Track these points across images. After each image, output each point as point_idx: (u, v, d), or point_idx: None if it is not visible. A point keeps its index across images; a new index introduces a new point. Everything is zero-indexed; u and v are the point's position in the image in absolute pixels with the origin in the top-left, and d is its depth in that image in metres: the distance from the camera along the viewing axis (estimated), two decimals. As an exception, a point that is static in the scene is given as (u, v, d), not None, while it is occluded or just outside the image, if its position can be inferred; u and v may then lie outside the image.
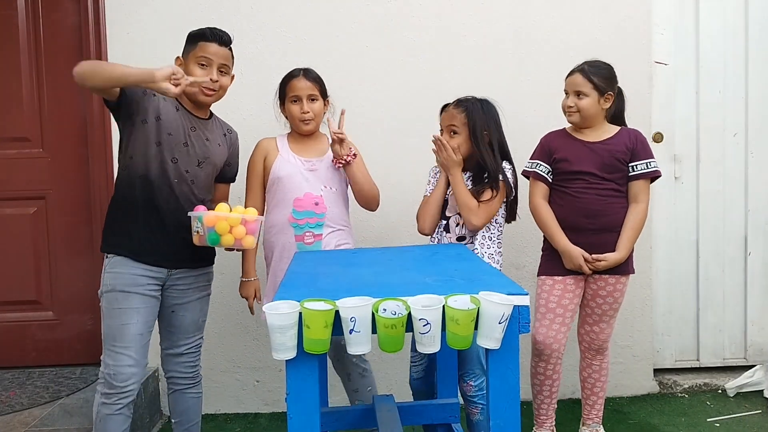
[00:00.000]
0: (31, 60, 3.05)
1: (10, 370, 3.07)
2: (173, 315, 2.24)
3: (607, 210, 2.43)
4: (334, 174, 2.45)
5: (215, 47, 2.18)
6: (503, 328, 1.42)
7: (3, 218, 3.09)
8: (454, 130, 2.37)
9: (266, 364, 3.08)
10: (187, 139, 2.17)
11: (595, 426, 2.62)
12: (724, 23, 3.20)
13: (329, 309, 1.41)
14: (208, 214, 2.03)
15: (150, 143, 2.10)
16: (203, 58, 2.16)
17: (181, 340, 2.27)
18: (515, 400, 1.49)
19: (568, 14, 3.06)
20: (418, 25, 3.04)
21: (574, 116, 2.46)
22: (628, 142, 2.45)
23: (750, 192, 3.27)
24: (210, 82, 2.16)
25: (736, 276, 3.29)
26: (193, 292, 2.26)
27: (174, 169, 2.13)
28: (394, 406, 2.08)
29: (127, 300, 2.07)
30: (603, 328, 2.53)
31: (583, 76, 2.42)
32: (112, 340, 2.07)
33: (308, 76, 2.42)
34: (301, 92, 2.40)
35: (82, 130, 3.05)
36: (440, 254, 2.12)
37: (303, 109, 2.40)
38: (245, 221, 2.05)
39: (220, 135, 2.31)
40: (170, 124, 2.13)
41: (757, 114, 3.24)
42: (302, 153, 2.46)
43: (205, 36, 2.18)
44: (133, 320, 2.07)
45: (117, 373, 2.05)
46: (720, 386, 3.19)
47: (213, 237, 2.03)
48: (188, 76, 2.07)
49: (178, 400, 2.33)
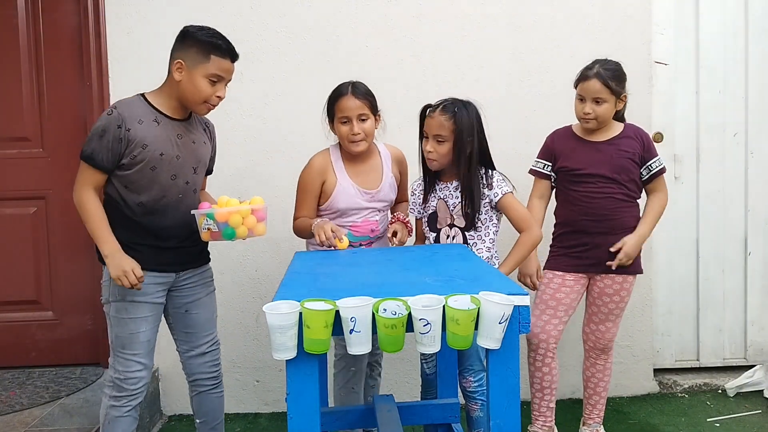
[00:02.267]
0: (31, 60, 3.05)
1: (10, 370, 3.07)
2: (188, 315, 2.23)
3: (614, 214, 2.44)
4: (387, 194, 2.43)
5: (229, 64, 2.07)
6: (503, 328, 1.42)
7: (3, 218, 3.09)
8: (441, 138, 2.25)
9: (266, 364, 3.08)
10: (177, 151, 2.09)
11: (596, 426, 2.62)
12: (724, 23, 3.20)
13: (329, 309, 1.41)
14: (219, 210, 2.03)
15: (143, 172, 2.03)
16: (216, 75, 2.03)
17: (201, 339, 2.26)
18: (515, 399, 1.49)
19: (568, 14, 3.06)
20: (418, 25, 3.04)
21: (591, 123, 2.43)
22: (640, 142, 2.46)
23: (750, 192, 3.27)
24: (217, 100, 2.08)
25: (736, 276, 3.29)
26: (202, 288, 2.25)
27: (175, 185, 2.10)
28: (394, 406, 2.08)
29: (137, 309, 2.07)
30: (609, 327, 2.53)
31: (601, 82, 2.37)
32: (121, 347, 2.07)
33: (357, 94, 2.30)
34: (351, 112, 2.29)
35: (82, 130, 3.04)
36: (440, 254, 2.12)
37: (353, 130, 2.30)
38: (254, 210, 2.06)
39: (201, 132, 2.23)
40: (158, 145, 2.04)
41: (757, 114, 3.23)
42: (360, 180, 2.38)
43: (219, 50, 2.03)
44: (142, 328, 2.08)
45: (127, 378, 2.07)
46: (720, 386, 3.19)
47: (229, 231, 2.04)
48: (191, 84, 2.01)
49: (203, 402, 2.31)
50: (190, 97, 2.05)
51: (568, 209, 2.49)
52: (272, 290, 1.62)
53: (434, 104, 2.30)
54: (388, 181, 2.43)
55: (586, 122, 2.44)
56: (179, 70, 2.04)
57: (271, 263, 3.04)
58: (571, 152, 2.48)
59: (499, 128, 2.63)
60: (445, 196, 2.34)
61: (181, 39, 2.08)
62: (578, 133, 2.52)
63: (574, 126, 2.55)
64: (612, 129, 2.49)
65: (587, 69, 2.43)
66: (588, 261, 2.47)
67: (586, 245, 2.46)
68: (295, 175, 2.49)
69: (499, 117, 2.74)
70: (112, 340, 2.10)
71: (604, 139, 2.47)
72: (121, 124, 1.99)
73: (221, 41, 2.05)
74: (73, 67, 3.04)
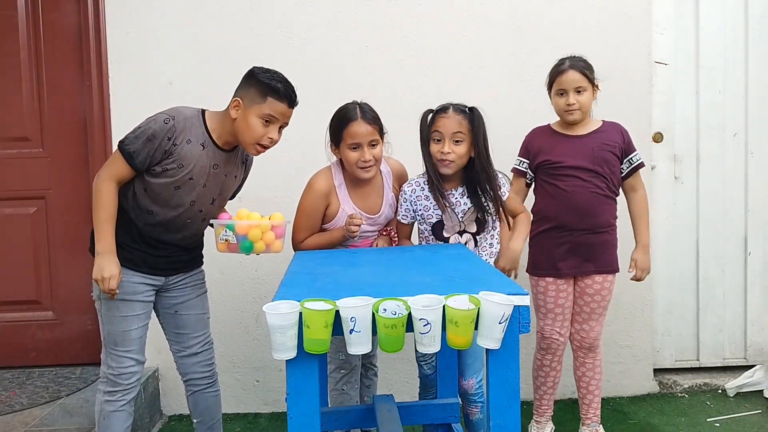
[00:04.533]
0: (31, 60, 3.05)
1: (10, 370, 3.07)
2: (177, 315, 2.23)
3: (596, 210, 2.46)
4: (388, 216, 2.42)
5: (285, 108, 2.04)
6: (503, 328, 1.42)
7: (3, 218, 3.09)
8: (460, 138, 2.19)
9: (266, 364, 3.08)
10: (206, 180, 2.08)
11: (595, 426, 2.62)
12: (724, 23, 3.20)
13: (329, 309, 1.41)
14: (240, 223, 2.03)
15: (167, 187, 2.03)
16: (270, 116, 2.01)
17: (192, 339, 2.26)
18: (515, 400, 1.49)
19: (568, 14, 3.06)
20: (417, 25, 3.04)
21: (576, 114, 2.45)
22: (620, 136, 2.49)
23: (750, 192, 3.27)
24: (269, 141, 2.05)
25: (736, 276, 3.29)
26: (191, 290, 2.25)
27: (190, 210, 2.10)
28: (394, 406, 2.08)
29: (129, 308, 2.07)
30: (592, 326, 2.55)
31: (578, 71, 2.42)
32: (113, 344, 2.08)
33: (367, 119, 2.25)
34: (362, 139, 2.23)
35: (82, 130, 3.05)
36: (440, 254, 2.12)
37: (365, 157, 2.23)
38: (274, 226, 2.06)
39: (239, 166, 2.22)
40: (192, 169, 2.03)
41: (757, 114, 3.23)
42: (362, 203, 2.35)
43: (277, 93, 2.01)
44: (134, 326, 2.09)
45: (121, 373, 2.08)
46: (720, 386, 3.19)
47: (247, 245, 2.05)
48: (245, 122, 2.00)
49: (198, 401, 2.32)
50: (243, 136, 2.04)
51: (548, 204, 2.50)
52: (272, 290, 1.62)
53: (440, 106, 2.25)
54: (388, 202, 2.41)
55: (571, 114, 2.45)
56: (236, 108, 2.03)
57: (271, 263, 3.04)
58: (552, 147, 2.51)
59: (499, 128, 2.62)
60: (452, 204, 2.27)
61: (245, 78, 2.07)
62: (558, 129, 2.55)
63: (553, 124, 2.58)
64: (591, 123, 2.52)
65: (559, 65, 2.47)
66: (571, 263, 2.50)
67: (565, 244, 2.49)
68: (290, 175, 2.48)
69: (499, 117, 2.73)
70: (104, 336, 2.10)
71: (584, 132, 2.50)
72: (172, 137, 1.99)
73: (281, 84, 2.02)
74: (73, 67, 3.04)
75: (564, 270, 2.51)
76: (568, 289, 2.54)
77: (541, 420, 2.67)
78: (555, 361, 2.59)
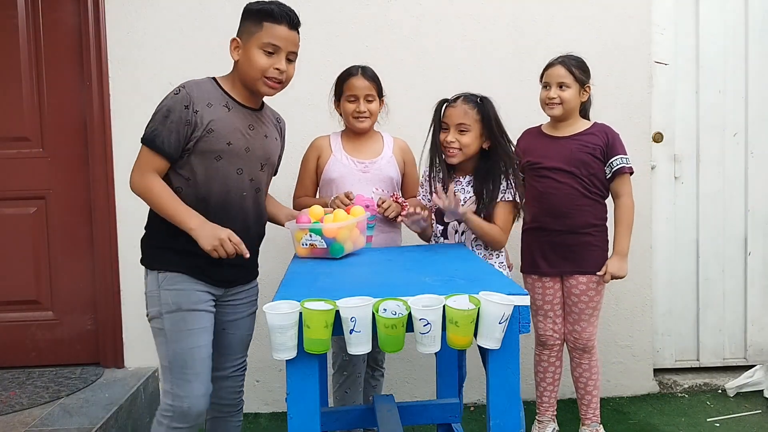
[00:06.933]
0: (31, 60, 3.05)
1: (10, 370, 3.07)
2: (223, 333, 2.03)
3: (573, 212, 2.46)
4: (386, 176, 2.44)
5: (285, 30, 1.85)
6: (503, 328, 1.42)
7: (3, 218, 3.09)
8: (465, 128, 2.22)
9: (266, 364, 3.07)
10: (247, 142, 1.90)
11: (595, 426, 2.62)
12: (724, 23, 3.20)
13: (329, 309, 1.41)
14: (327, 226, 1.94)
15: (209, 159, 1.84)
16: (270, 45, 1.83)
17: (229, 361, 2.06)
18: (515, 400, 1.49)
19: (568, 14, 3.06)
20: (417, 25, 3.04)
21: (557, 108, 2.46)
22: (603, 138, 2.47)
23: (750, 192, 3.27)
24: (276, 73, 1.86)
25: (736, 276, 3.29)
26: (245, 308, 2.08)
27: (239, 181, 1.91)
28: (394, 406, 2.08)
29: (196, 319, 1.86)
30: (584, 327, 2.54)
31: (565, 67, 2.43)
32: (182, 367, 1.83)
33: (366, 75, 2.39)
34: (359, 92, 2.39)
35: (82, 130, 3.05)
36: (440, 254, 2.12)
37: (359, 108, 2.39)
38: (358, 223, 2.01)
39: (273, 127, 2.05)
40: (227, 133, 1.85)
41: (757, 114, 3.24)
42: (355, 153, 2.44)
43: (272, 15, 1.83)
44: (203, 341, 1.87)
45: (192, 405, 1.83)
46: (720, 386, 3.19)
47: (338, 247, 1.96)
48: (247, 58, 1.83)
49: (217, 429, 2.10)
50: (248, 74, 1.86)
51: (530, 204, 2.49)
52: (272, 290, 1.62)
53: (453, 97, 2.30)
54: (386, 158, 2.45)
55: (551, 108, 2.46)
56: (236, 48, 1.87)
57: (271, 263, 3.03)
58: (536, 147, 2.52)
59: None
60: (457, 191, 2.29)
61: (241, 18, 1.91)
62: (545, 130, 2.56)
63: (544, 125, 2.59)
64: (577, 125, 2.51)
65: (551, 60, 2.50)
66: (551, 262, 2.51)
67: (544, 244, 2.51)
68: (292, 173, 2.50)
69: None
70: (169, 361, 1.85)
71: (568, 134, 2.50)
72: (189, 104, 1.80)
73: (275, 6, 1.84)
74: (73, 67, 3.04)
75: (543, 268, 2.52)
76: (555, 287, 2.54)
77: (543, 419, 2.67)
78: (553, 356, 2.60)
